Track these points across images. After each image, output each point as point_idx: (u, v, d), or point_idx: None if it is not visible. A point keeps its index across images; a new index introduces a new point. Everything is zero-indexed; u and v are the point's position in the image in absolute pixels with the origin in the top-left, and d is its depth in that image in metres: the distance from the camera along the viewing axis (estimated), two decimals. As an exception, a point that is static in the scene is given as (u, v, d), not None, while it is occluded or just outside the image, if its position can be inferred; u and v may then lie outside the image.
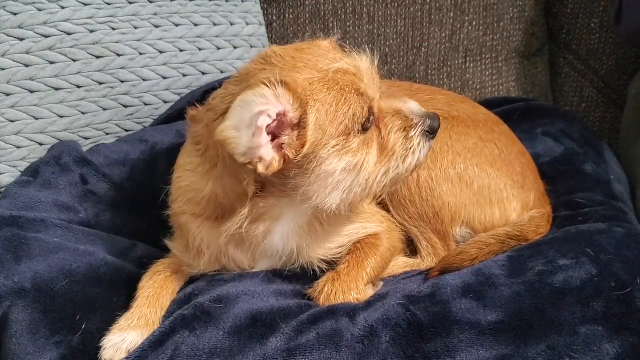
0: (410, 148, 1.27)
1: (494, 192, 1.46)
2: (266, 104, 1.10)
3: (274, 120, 1.13)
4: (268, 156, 1.14)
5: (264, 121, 1.11)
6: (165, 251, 1.46)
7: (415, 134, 1.27)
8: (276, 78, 1.12)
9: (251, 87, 1.13)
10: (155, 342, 1.18)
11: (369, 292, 1.33)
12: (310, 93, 1.16)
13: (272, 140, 1.15)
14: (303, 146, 1.15)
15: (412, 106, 1.31)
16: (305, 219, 1.31)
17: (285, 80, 1.13)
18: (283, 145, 1.15)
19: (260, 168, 1.15)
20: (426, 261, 1.46)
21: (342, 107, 1.18)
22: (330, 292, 1.29)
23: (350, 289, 1.30)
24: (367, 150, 1.23)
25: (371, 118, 1.24)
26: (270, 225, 1.29)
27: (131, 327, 1.22)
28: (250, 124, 1.10)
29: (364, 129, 1.22)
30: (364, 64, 1.25)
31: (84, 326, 1.24)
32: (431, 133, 1.29)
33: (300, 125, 1.15)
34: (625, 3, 1.81)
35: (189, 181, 1.32)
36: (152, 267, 1.37)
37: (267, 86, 1.11)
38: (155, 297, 1.29)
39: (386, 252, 1.40)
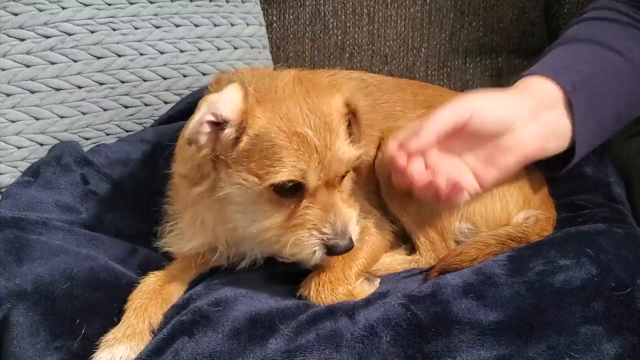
0: (306, 245, 1.26)
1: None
2: (225, 106, 1.20)
3: (223, 122, 1.22)
4: (202, 141, 1.23)
5: (210, 117, 1.21)
6: (165, 256, 1.47)
7: (316, 239, 1.25)
8: (251, 98, 1.22)
9: (240, 88, 1.23)
10: (154, 351, 1.17)
11: (365, 287, 1.33)
12: (260, 129, 1.21)
13: (216, 131, 1.23)
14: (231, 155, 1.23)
15: (341, 219, 1.27)
16: None
17: (254, 111, 1.21)
18: (217, 142, 1.23)
19: (194, 147, 1.25)
20: (425, 257, 1.45)
21: (271, 159, 1.21)
22: (319, 285, 1.29)
23: (339, 278, 1.30)
24: (276, 209, 1.25)
25: (296, 192, 1.25)
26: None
27: (117, 340, 1.21)
28: (206, 111, 1.20)
29: (279, 191, 1.23)
30: (333, 154, 1.24)
31: (83, 331, 1.24)
32: (329, 251, 1.26)
33: (237, 139, 1.23)
34: None
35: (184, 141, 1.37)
36: (145, 279, 1.36)
37: (241, 96, 1.21)
38: (142, 307, 1.28)
39: (372, 239, 1.41)
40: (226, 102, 1.21)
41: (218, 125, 1.23)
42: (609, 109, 1.45)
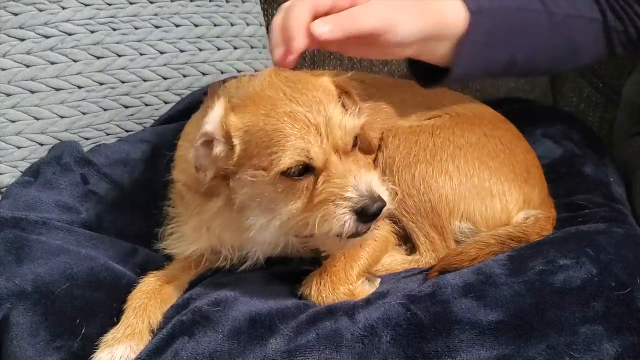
0: (335, 217, 1.17)
1: (494, 184, 1.45)
2: (210, 125, 1.21)
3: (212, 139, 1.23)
4: (204, 164, 1.24)
5: (202, 139, 1.22)
6: (166, 257, 1.47)
7: (343, 209, 1.17)
8: (230, 105, 1.22)
9: (223, 102, 1.23)
10: (154, 351, 1.17)
11: (366, 287, 1.33)
12: (247, 125, 1.20)
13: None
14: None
15: (364, 180, 1.19)
16: None
17: (228, 117, 1.21)
18: (217, 159, 1.23)
19: (200, 172, 1.26)
20: (425, 257, 1.45)
21: (270, 148, 1.18)
22: (320, 284, 1.29)
23: (340, 278, 1.30)
24: (295, 195, 1.21)
25: (308, 171, 1.20)
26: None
27: (117, 340, 1.21)
28: (200, 137, 1.22)
29: (290, 176, 1.20)
30: (330, 121, 1.20)
31: (83, 331, 1.23)
32: (362, 216, 1.17)
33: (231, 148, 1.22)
34: None
35: (186, 150, 1.36)
36: (144, 279, 1.36)
37: (222, 109, 1.22)
38: (142, 307, 1.28)
39: (373, 239, 1.39)
40: (211, 121, 1.22)
41: (211, 143, 1.23)
42: (505, 50, 1.41)
